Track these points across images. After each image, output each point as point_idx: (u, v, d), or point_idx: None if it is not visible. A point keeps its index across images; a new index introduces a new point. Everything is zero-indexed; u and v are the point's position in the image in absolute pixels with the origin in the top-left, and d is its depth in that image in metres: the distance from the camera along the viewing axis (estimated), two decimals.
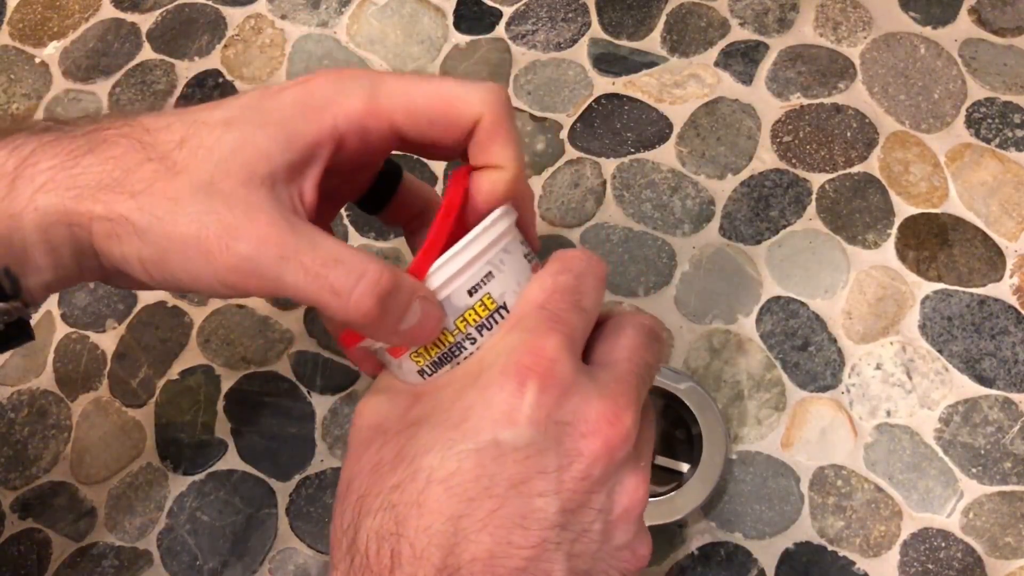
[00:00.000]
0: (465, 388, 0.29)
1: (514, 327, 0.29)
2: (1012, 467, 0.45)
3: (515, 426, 0.27)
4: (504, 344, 0.29)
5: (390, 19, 0.57)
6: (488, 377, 0.28)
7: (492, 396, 0.28)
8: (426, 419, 0.29)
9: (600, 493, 0.28)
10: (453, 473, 0.27)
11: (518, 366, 0.28)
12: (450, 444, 0.27)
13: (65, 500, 0.47)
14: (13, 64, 0.58)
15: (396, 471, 0.27)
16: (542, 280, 0.30)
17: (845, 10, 0.56)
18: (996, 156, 0.51)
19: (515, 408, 0.27)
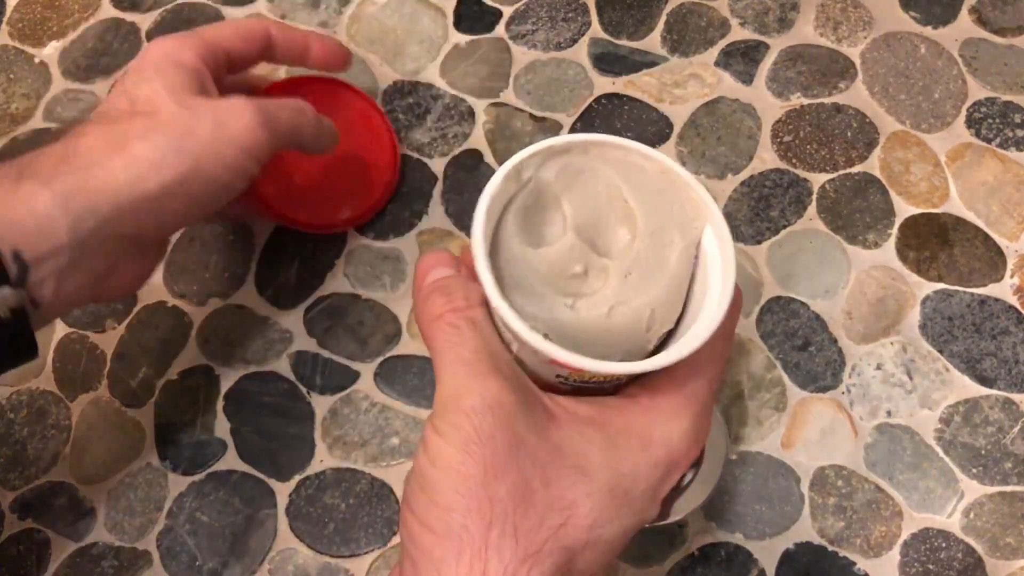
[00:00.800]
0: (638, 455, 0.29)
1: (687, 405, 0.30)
2: (1013, 467, 0.45)
3: (655, 507, 0.29)
4: (679, 427, 0.29)
5: (390, 18, 0.57)
6: (658, 456, 0.29)
7: (656, 477, 0.29)
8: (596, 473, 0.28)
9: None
10: (618, 546, 0.29)
11: (685, 456, 0.29)
12: (624, 522, 0.28)
13: (64, 500, 0.47)
14: (12, 64, 0.58)
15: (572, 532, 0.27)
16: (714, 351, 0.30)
17: (845, 10, 0.56)
18: (997, 156, 0.51)
19: (660, 491, 0.29)
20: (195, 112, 0.37)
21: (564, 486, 0.27)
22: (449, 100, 0.55)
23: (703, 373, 0.30)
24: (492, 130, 0.54)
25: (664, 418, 0.29)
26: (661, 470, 0.29)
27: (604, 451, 0.28)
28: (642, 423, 0.29)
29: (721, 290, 0.29)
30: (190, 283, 0.51)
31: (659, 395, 0.30)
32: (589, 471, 0.28)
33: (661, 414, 0.29)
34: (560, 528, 0.27)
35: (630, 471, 0.28)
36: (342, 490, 0.46)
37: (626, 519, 0.28)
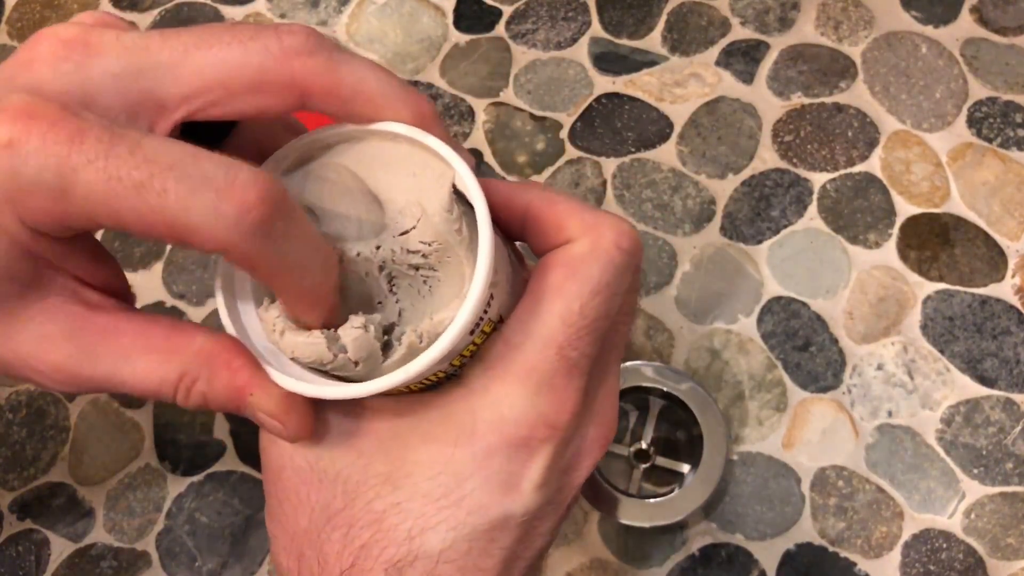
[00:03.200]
0: (457, 450, 0.25)
1: (523, 379, 0.24)
2: (1014, 468, 0.45)
3: (523, 496, 0.25)
4: (510, 404, 0.24)
5: (390, 18, 0.57)
6: (490, 444, 0.24)
7: (496, 468, 0.24)
8: (406, 480, 0.25)
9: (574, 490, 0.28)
10: (464, 553, 0.24)
11: (530, 439, 0.24)
12: (456, 526, 0.24)
13: (63, 501, 0.47)
14: None
15: (387, 547, 0.24)
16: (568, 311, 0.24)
17: (846, 9, 0.56)
18: (998, 156, 0.51)
19: (523, 478, 0.25)
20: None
21: (369, 499, 0.25)
22: (449, 99, 0.54)
23: (546, 340, 0.24)
24: (492, 130, 0.53)
25: (492, 400, 0.24)
26: (499, 459, 0.24)
27: (416, 452, 0.25)
28: (463, 410, 0.25)
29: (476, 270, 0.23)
30: (189, 283, 0.51)
31: (490, 373, 0.25)
32: (396, 479, 0.25)
33: (489, 397, 0.24)
34: (370, 543, 0.24)
35: (446, 469, 0.24)
36: None
37: (460, 520, 0.24)
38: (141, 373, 0.23)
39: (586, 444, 0.27)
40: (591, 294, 0.25)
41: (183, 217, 0.20)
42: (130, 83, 0.22)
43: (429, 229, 0.24)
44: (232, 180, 0.20)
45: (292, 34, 0.23)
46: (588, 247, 0.25)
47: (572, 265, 0.25)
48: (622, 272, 0.25)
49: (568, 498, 0.27)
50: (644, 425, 0.46)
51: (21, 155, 0.20)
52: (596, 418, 0.27)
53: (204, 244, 0.21)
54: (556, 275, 0.25)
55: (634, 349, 0.48)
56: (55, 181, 0.20)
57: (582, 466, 0.27)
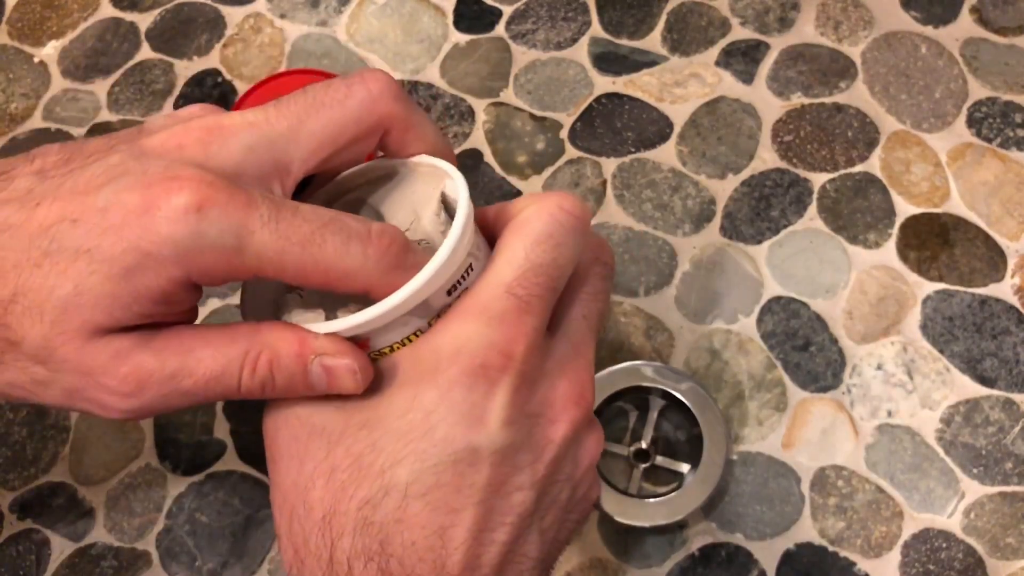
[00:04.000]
0: (422, 387, 0.27)
1: (477, 314, 0.27)
2: (1013, 467, 0.45)
3: (488, 430, 0.26)
4: (466, 336, 0.27)
5: (390, 18, 0.57)
6: (451, 376, 0.26)
7: (458, 399, 0.26)
8: (380, 422, 0.27)
9: (566, 464, 0.29)
10: (432, 487, 0.26)
11: (486, 367, 0.26)
12: (423, 457, 0.26)
13: (64, 501, 0.47)
14: (12, 63, 0.58)
15: (362, 484, 0.26)
16: (513, 256, 0.28)
17: (846, 9, 0.56)
18: (997, 156, 0.51)
19: (487, 411, 0.26)
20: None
21: (348, 444, 0.27)
22: (449, 100, 0.54)
23: (496, 282, 0.27)
24: (492, 130, 0.53)
25: (451, 335, 0.27)
26: (460, 389, 0.26)
27: (390, 397, 0.27)
28: (428, 350, 0.27)
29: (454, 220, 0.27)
30: None
31: (450, 316, 0.27)
32: (372, 422, 0.27)
33: (448, 333, 0.27)
34: (347, 482, 0.26)
35: (414, 405, 0.26)
36: None
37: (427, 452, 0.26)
38: (208, 360, 0.26)
39: (557, 396, 0.28)
40: (534, 243, 0.28)
41: (339, 264, 0.25)
42: (262, 154, 0.27)
43: (419, 230, 0.29)
44: (369, 231, 0.26)
45: (376, 81, 0.29)
46: (532, 209, 0.29)
47: (518, 223, 0.29)
48: (565, 229, 0.28)
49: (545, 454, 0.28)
50: (644, 425, 0.46)
51: (208, 219, 0.24)
52: (567, 374, 0.29)
53: (356, 284, 0.26)
54: (507, 232, 0.29)
55: (634, 349, 0.48)
56: (234, 242, 0.24)
57: (558, 420, 0.28)
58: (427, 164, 0.30)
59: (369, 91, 0.28)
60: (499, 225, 0.30)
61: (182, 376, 0.26)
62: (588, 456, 0.30)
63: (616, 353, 0.48)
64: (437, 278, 0.26)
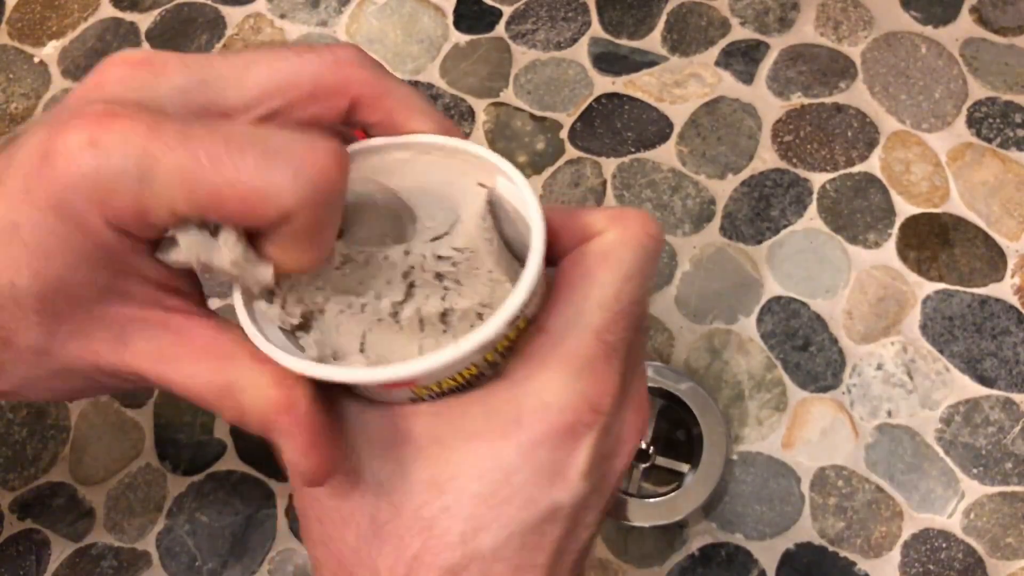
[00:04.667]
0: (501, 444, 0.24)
1: (565, 365, 0.24)
2: (1013, 467, 0.45)
3: (570, 485, 0.24)
4: (554, 390, 0.24)
5: (389, 18, 0.57)
6: (536, 434, 0.24)
7: (542, 458, 0.24)
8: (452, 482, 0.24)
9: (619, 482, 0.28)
10: (517, 550, 0.24)
11: (576, 424, 0.24)
12: (507, 523, 0.24)
13: (64, 501, 0.47)
14: (12, 63, 0.58)
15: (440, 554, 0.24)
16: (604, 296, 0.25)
17: (846, 9, 0.56)
18: (997, 156, 0.51)
19: (570, 466, 0.24)
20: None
21: (416, 506, 0.24)
22: (449, 100, 0.54)
23: (584, 325, 0.24)
24: (492, 130, 0.53)
25: (536, 388, 0.24)
26: (545, 450, 0.24)
27: (457, 452, 0.24)
28: (508, 402, 0.24)
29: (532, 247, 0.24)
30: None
31: (531, 362, 0.24)
32: (442, 483, 0.24)
33: (531, 386, 0.24)
34: (422, 551, 0.24)
35: (494, 465, 0.24)
36: None
37: (511, 517, 0.24)
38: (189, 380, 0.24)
39: (625, 429, 0.26)
40: (625, 279, 0.25)
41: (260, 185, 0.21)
42: (195, 95, 0.23)
43: (462, 235, 0.25)
44: (311, 148, 0.21)
45: (344, 48, 0.25)
46: (618, 236, 0.25)
47: (604, 253, 0.25)
48: (652, 257, 0.26)
49: (610, 486, 0.27)
50: None
51: (104, 150, 0.21)
52: (632, 403, 0.27)
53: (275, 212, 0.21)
54: (590, 263, 0.25)
55: None
56: (137, 171, 0.21)
57: (623, 452, 0.27)
58: (471, 153, 0.25)
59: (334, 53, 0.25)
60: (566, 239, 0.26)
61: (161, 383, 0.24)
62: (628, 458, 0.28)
63: None
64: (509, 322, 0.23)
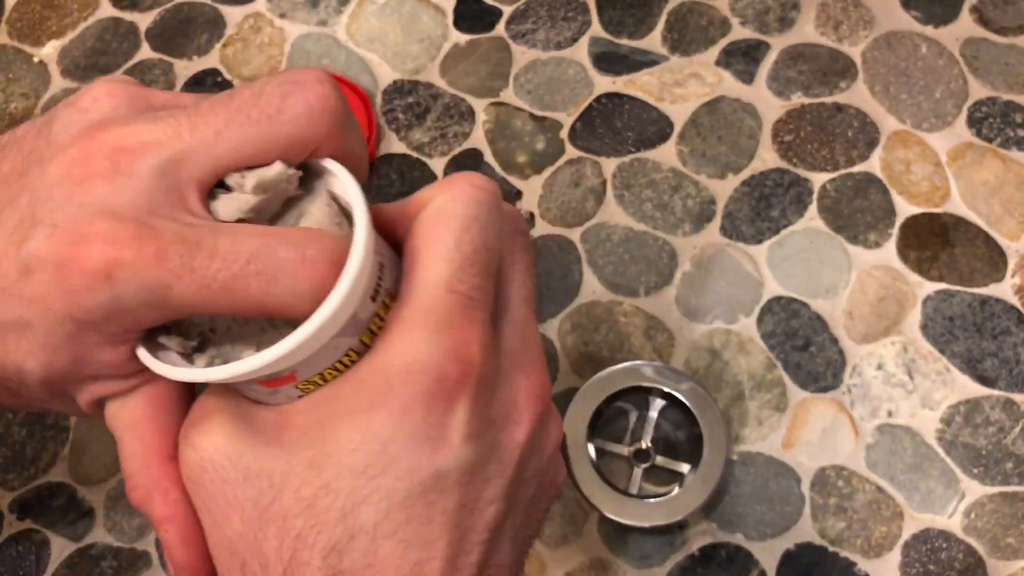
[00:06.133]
0: (373, 414, 0.24)
1: (422, 321, 0.24)
2: (1014, 468, 0.45)
3: (453, 449, 0.24)
4: (415, 348, 0.24)
5: (390, 18, 0.57)
6: (405, 397, 0.23)
7: (417, 421, 0.23)
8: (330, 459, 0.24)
9: (532, 460, 0.26)
10: (402, 523, 0.23)
11: (442, 380, 0.24)
12: (388, 493, 0.23)
13: (63, 501, 0.47)
14: (11, 63, 0.58)
15: (322, 531, 0.23)
16: (444, 249, 0.25)
17: (846, 9, 0.56)
18: (998, 155, 0.51)
19: (448, 428, 0.24)
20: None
21: (296, 486, 0.24)
22: (449, 99, 0.54)
23: (432, 281, 0.24)
24: (492, 130, 0.53)
25: (398, 352, 0.24)
26: (417, 412, 0.23)
27: (336, 430, 0.24)
28: (373, 372, 0.24)
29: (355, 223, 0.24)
30: None
31: (391, 331, 0.24)
32: (320, 461, 0.24)
33: (392, 350, 0.24)
34: (305, 530, 0.23)
35: (367, 436, 0.23)
36: None
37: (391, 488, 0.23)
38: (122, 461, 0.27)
39: (519, 396, 0.26)
40: (461, 229, 0.25)
41: (270, 302, 0.23)
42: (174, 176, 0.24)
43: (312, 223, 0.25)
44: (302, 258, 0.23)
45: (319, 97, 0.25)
46: (446, 196, 0.26)
47: (436, 212, 0.25)
48: (484, 207, 0.26)
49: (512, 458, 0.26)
50: (644, 425, 0.46)
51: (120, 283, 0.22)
52: (523, 367, 0.26)
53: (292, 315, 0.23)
54: (425, 226, 0.25)
55: (634, 349, 0.48)
56: (152, 299, 0.23)
57: (522, 420, 0.26)
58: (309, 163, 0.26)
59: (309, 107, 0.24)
60: (404, 221, 0.26)
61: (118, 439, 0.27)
62: (552, 444, 0.27)
63: (616, 353, 0.48)
64: (356, 286, 0.23)
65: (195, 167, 0.24)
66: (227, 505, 0.24)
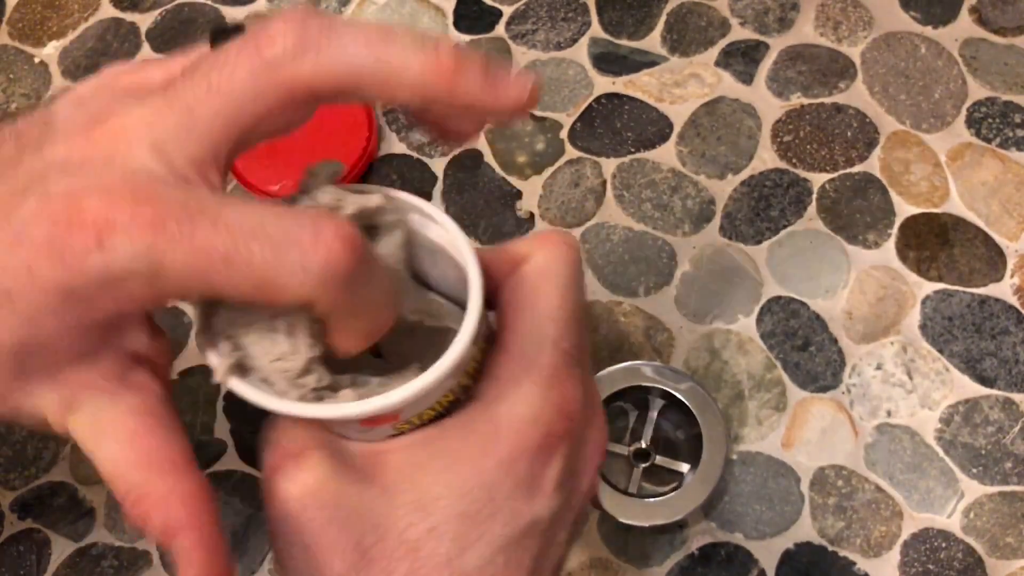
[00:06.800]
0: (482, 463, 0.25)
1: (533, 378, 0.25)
2: (1013, 467, 0.45)
3: (545, 498, 0.25)
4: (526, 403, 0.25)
5: (390, 18, 0.57)
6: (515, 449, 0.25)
7: (521, 472, 0.25)
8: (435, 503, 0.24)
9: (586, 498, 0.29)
10: (500, 567, 0.25)
11: (550, 436, 0.25)
12: (491, 541, 0.24)
13: (64, 500, 0.47)
14: (12, 63, 0.58)
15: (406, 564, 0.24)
16: (550, 308, 0.26)
17: (846, 9, 0.56)
18: (997, 156, 0.51)
19: (544, 479, 0.25)
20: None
21: (401, 529, 0.24)
22: None
23: (542, 338, 0.26)
24: (492, 130, 0.53)
25: (510, 405, 0.25)
26: (524, 463, 0.25)
27: (440, 474, 0.25)
28: (484, 421, 0.25)
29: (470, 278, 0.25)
30: None
31: (500, 382, 0.26)
32: (426, 504, 0.24)
33: (505, 403, 0.25)
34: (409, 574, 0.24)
35: (477, 483, 0.24)
36: None
37: (496, 534, 0.25)
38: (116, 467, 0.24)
39: (589, 448, 0.28)
40: (566, 289, 0.27)
41: (271, 277, 0.21)
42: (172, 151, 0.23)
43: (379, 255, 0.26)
44: (317, 235, 0.21)
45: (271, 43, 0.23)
46: (548, 254, 0.27)
47: (542, 271, 0.27)
48: (577, 267, 0.28)
49: (578, 505, 0.27)
50: (644, 425, 0.46)
51: (113, 250, 0.21)
52: (594, 421, 0.28)
53: (292, 300, 0.22)
54: (531, 283, 0.27)
55: (634, 349, 0.48)
56: (146, 270, 0.21)
57: (588, 470, 0.28)
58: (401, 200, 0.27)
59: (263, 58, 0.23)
60: (497, 269, 0.27)
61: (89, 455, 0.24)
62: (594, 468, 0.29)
63: (616, 353, 0.48)
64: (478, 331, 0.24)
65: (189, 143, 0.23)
66: (329, 545, 0.24)
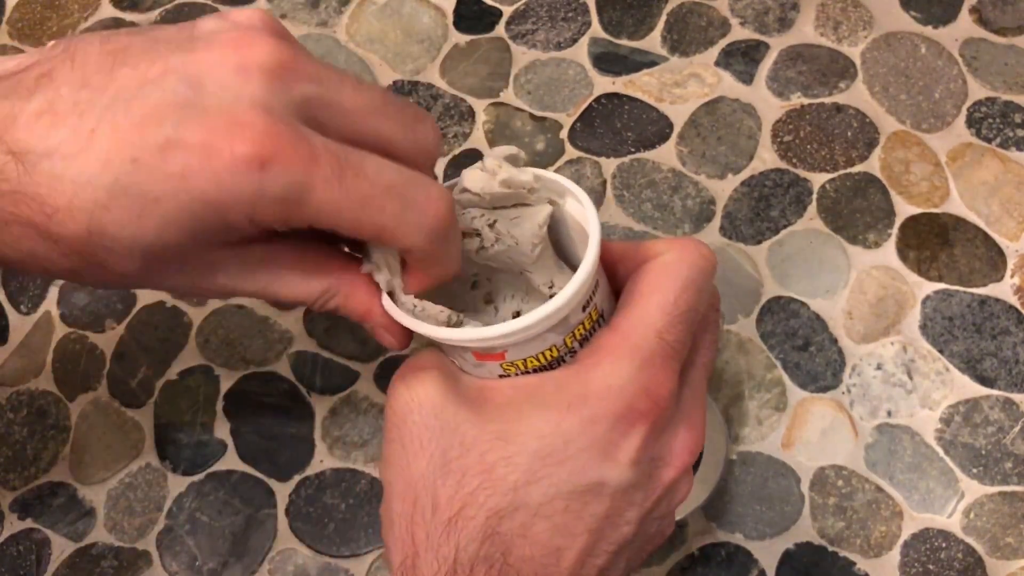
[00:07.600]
0: (566, 415, 0.28)
1: (629, 355, 0.28)
2: (1013, 467, 0.45)
3: (618, 466, 0.28)
4: (617, 376, 0.28)
5: (390, 18, 0.57)
6: (597, 411, 0.27)
7: (599, 433, 0.27)
8: (517, 438, 0.28)
9: (663, 503, 0.30)
10: (559, 511, 0.27)
11: (631, 409, 0.28)
12: (556, 483, 0.27)
13: (64, 500, 0.47)
14: None
15: (493, 495, 0.27)
16: (664, 301, 0.29)
17: (846, 9, 0.56)
18: (997, 156, 0.51)
19: (620, 448, 0.28)
20: None
21: (482, 451, 0.27)
22: (449, 100, 0.54)
23: (648, 324, 0.28)
24: (492, 130, 0.53)
25: (603, 373, 0.28)
26: (603, 425, 0.27)
27: (527, 415, 0.28)
28: (577, 381, 0.28)
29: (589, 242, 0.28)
30: None
31: (600, 352, 0.28)
32: (509, 436, 0.28)
33: (600, 370, 0.28)
34: (478, 489, 0.27)
35: (556, 430, 0.27)
36: (342, 490, 0.46)
37: (561, 479, 0.27)
38: (292, 287, 0.29)
39: (677, 443, 0.30)
40: (682, 288, 0.29)
41: (393, 229, 0.26)
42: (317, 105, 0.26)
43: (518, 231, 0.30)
44: (429, 198, 0.27)
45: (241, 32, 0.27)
46: (676, 254, 0.30)
47: (665, 266, 0.30)
48: (705, 273, 0.30)
49: (655, 492, 0.29)
50: None
51: (272, 174, 0.24)
52: (686, 419, 0.30)
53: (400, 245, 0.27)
54: (653, 275, 0.29)
55: None
56: (296, 197, 0.25)
57: (672, 465, 0.29)
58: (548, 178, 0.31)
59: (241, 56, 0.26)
60: (629, 261, 0.31)
61: (268, 294, 0.29)
62: (677, 499, 0.31)
63: None
64: (579, 293, 0.27)
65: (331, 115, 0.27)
66: (420, 446, 0.28)
